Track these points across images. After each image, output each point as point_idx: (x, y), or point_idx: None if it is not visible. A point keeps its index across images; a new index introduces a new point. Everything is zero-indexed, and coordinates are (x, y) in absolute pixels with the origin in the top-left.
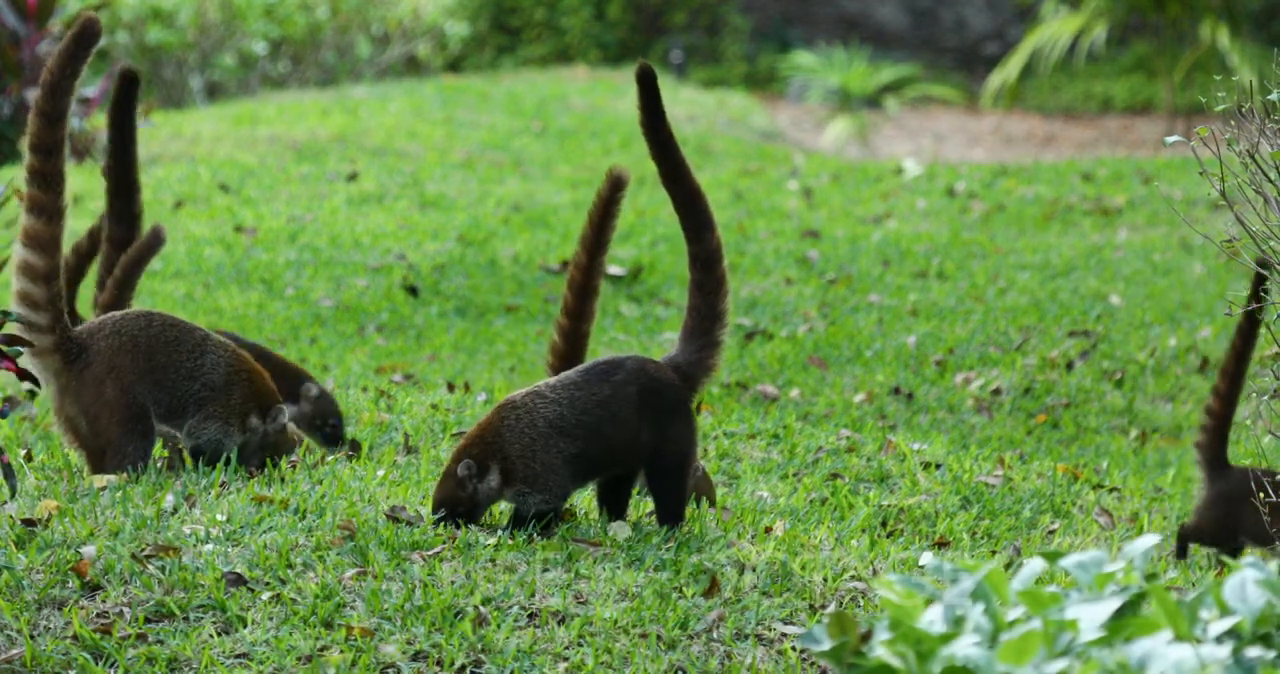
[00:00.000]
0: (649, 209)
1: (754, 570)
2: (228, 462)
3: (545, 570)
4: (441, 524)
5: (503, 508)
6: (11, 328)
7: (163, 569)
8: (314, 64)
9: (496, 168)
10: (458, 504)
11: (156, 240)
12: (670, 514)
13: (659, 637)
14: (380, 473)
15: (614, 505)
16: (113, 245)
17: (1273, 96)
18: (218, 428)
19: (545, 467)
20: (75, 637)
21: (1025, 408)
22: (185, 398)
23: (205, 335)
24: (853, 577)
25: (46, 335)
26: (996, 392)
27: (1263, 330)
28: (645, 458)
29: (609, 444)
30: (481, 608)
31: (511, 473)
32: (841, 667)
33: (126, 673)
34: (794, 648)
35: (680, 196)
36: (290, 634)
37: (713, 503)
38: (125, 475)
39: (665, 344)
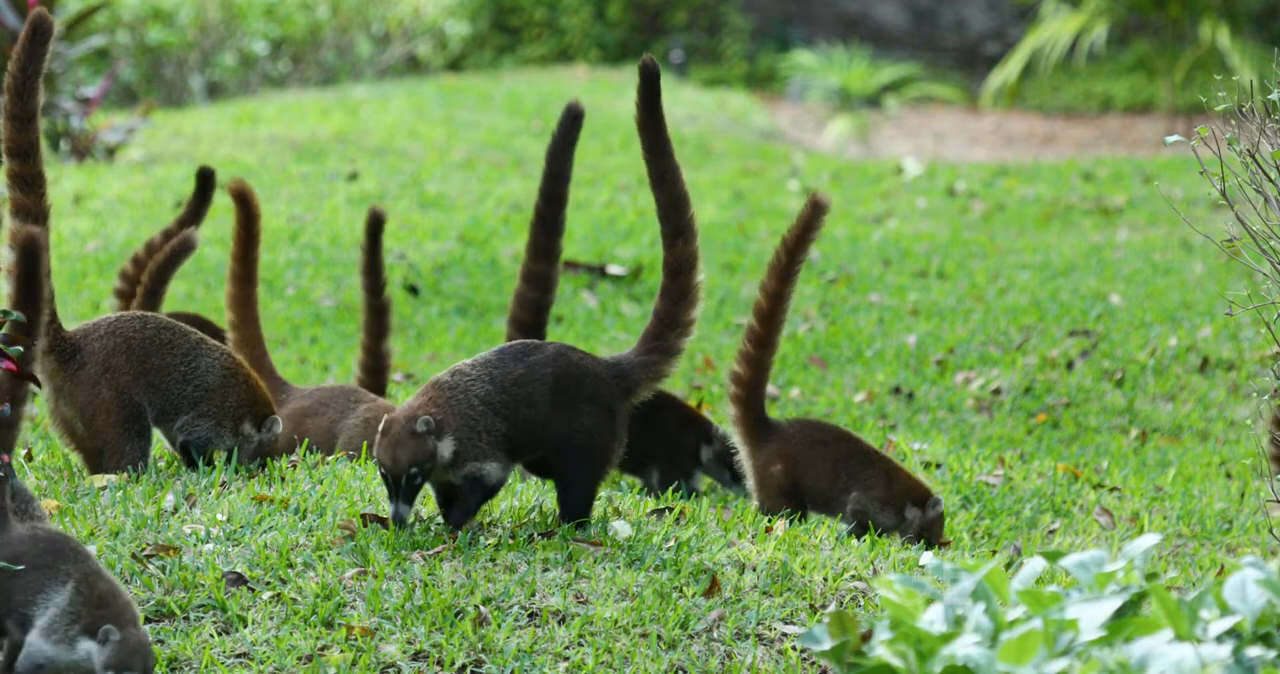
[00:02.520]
0: (649, 209)
1: (754, 570)
2: (227, 461)
3: (545, 570)
4: (404, 481)
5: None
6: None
7: (163, 569)
8: (314, 64)
9: (497, 167)
10: (425, 460)
11: (185, 247)
12: (570, 509)
13: (659, 636)
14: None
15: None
16: (527, 282)
17: (1273, 96)
18: (209, 427)
19: (490, 443)
20: None
21: (1025, 407)
22: (179, 400)
23: (200, 339)
24: (853, 576)
25: (40, 338)
26: (997, 391)
27: (1262, 330)
28: (556, 445)
29: (527, 423)
30: (482, 608)
31: (463, 453)
32: (842, 666)
33: None
34: (794, 648)
35: (665, 201)
36: (291, 634)
37: (931, 543)
38: (125, 475)
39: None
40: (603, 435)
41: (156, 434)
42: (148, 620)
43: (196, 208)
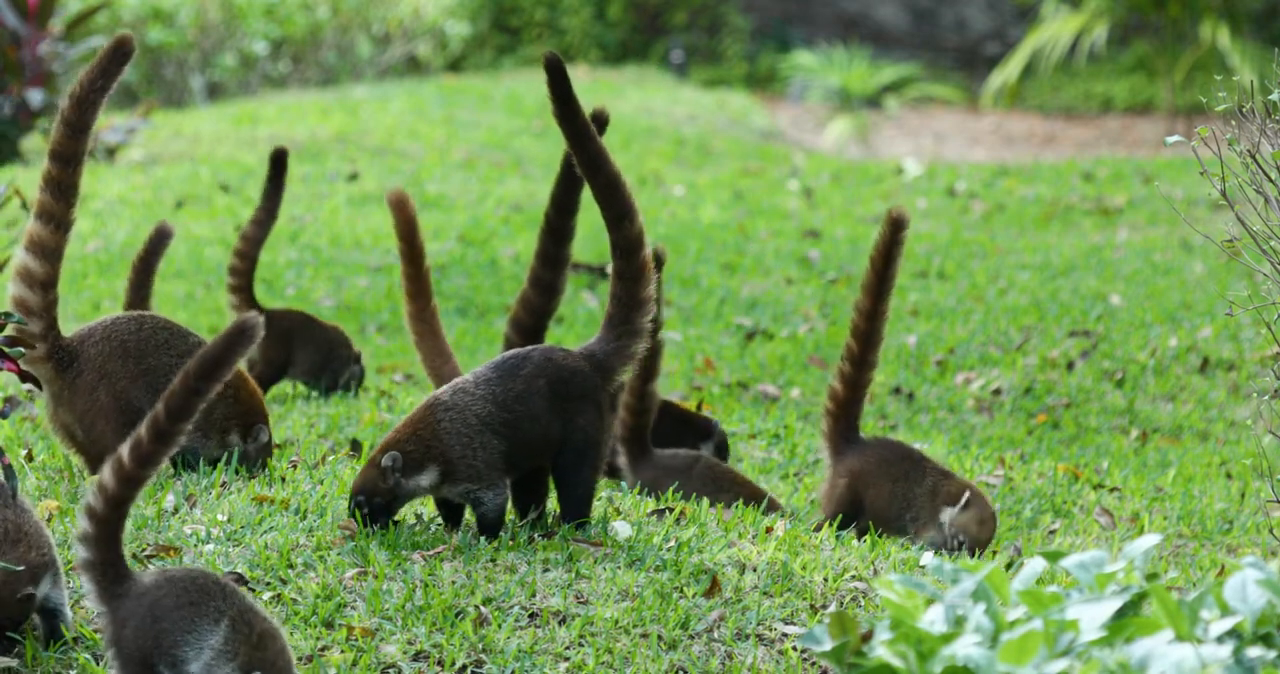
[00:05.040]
0: (649, 209)
1: (755, 570)
2: (227, 462)
3: (546, 570)
4: (356, 513)
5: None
6: (13, 329)
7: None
8: (314, 64)
9: (497, 168)
10: (375, 494)
11: (161, 238)
12: (571, 509)
13: (660, 637)
14: None
15: (532, 494)
16: (533, 286)
17: (1273, 96)
18: (195, 437)
19: (487, 464)
20: (76, 637)
21: (1026, 408)
22: None
23: (198, 341)
24: (854, 577)
25: (39, 343)
26: (997, 391)
27: (1263, 330)
28: (555, 450)
29: (528, 439)
30: (482, 608)
31: (455, 473)
32: (842, 667)
33: None
34: (795, 648)
35: (599, 185)
36: (291, 634)
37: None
38: None
39: (666, 343)
40: (597, 431)
41: None
42: None
43: (273, 189)
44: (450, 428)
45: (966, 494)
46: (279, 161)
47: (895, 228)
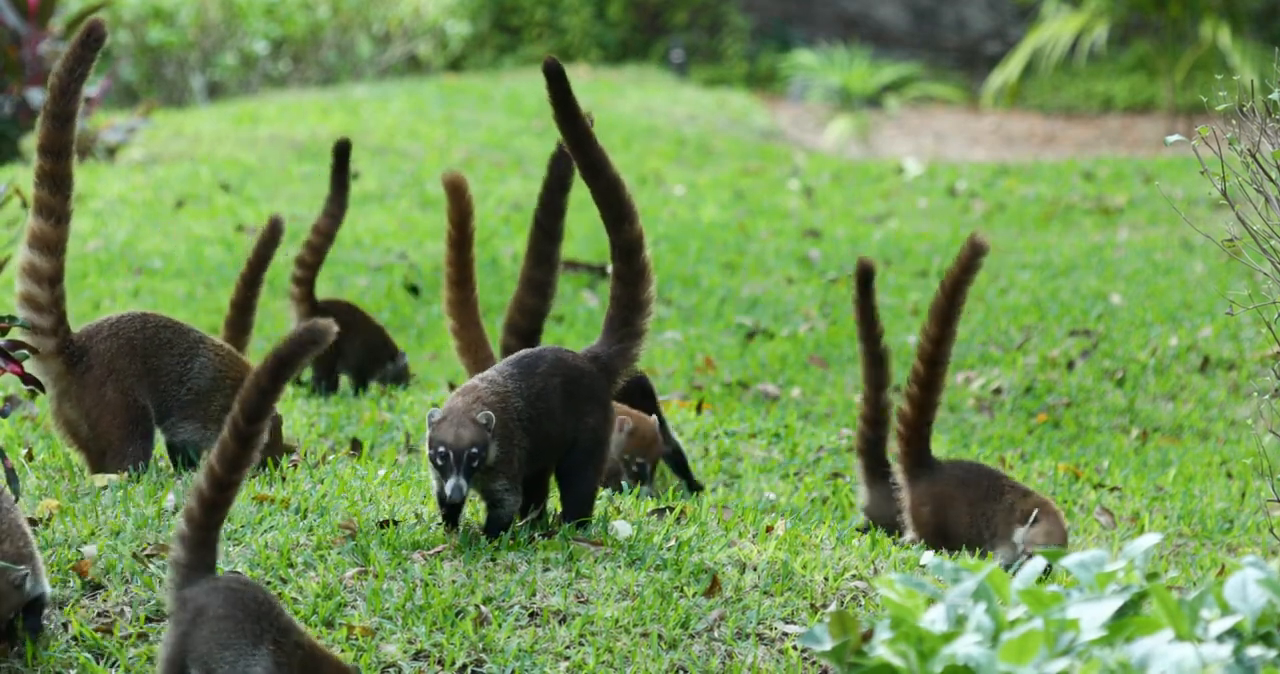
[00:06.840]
0: (649, 209)
1: (755, 570)
2: None
3: (546, 570)
4: (462, 459)
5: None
6: (16, 332)
7: (164, 569)
8: (315, 63)
9: (497, 167)
10: (483, 447)
11: (276, 232)
12: (574, 509)
13: (660, 636)
14: (381, 472)
15: (533, 493)
16: (526, 288)
17: (1274, 96)
18: (194, 429)
19: (519, 464)
20: (76, 636)
21: (1026, 407)
22: (172, 401)
23: (200, 337)
24: (854, 576)
25: (49, 338)
26: (997, 391)
27: (1263, 330)
28: (564, 450)
29: (548, 437)
30: (483, 607)
31: (498, 465)
32: (843, 666)
33: (127, 672)
34: (795, 647)
35: (599, 188)
36: None
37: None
38: (126, 475)
39: (666, 343)
40: (603, 431)
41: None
42: (148, 620)
43: (338, 181)
44: (501, 418)
45: (1035, 511)
46: (342, 153)
47: (974, 252)
